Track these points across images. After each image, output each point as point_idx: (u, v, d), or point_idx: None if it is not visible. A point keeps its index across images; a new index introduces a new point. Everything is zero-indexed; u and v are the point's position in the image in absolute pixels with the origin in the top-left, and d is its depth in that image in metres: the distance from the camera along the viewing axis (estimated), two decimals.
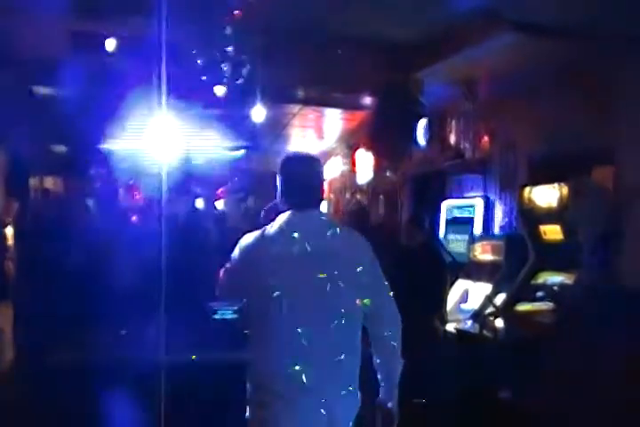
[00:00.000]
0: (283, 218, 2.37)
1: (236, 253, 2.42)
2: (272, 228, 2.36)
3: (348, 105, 7.43)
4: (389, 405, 2.41)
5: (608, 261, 2.94)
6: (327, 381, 2.22)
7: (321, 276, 2.23)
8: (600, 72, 4.66)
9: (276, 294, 2.21)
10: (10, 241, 3.83)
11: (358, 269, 2.30)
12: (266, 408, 2.23)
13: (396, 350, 2.41)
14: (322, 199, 2.50)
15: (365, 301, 2.30)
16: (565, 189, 4.30)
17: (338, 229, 2.37)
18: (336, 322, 2.23)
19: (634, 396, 2.24)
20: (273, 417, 2.21)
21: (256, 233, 2.40)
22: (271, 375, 2.23)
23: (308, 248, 2.26)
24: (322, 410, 2.19)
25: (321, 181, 2.51)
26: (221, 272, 2.49)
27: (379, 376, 2.42)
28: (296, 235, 2.28)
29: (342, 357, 2.24)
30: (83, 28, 5.29)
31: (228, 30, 4.97)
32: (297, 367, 2.17)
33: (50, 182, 7.88)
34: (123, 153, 7.53)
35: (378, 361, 2.42)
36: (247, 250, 2.38)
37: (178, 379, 3.57)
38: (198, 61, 5.24)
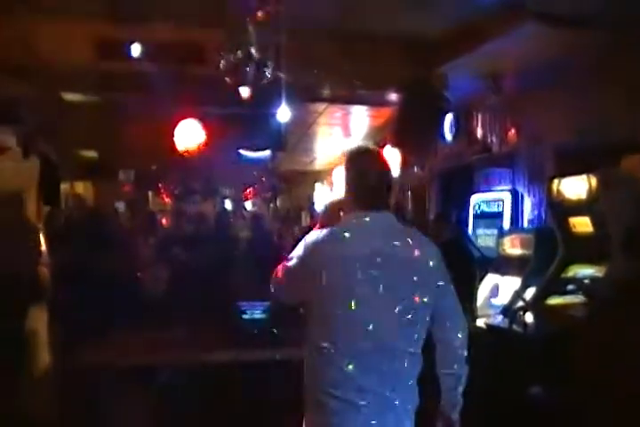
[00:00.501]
0: (350, 218, 2.30)
1: (299, 250, 2.32)
2: (338, 227, 2.28)
3: (374, 102, 7.39)
4: (451, 415, 2.30)
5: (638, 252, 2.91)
6: (385, 384, 2.13)
7: (385, 277, 2.16)
8: (627, 60, 4.59)
9: (339, 293, 2.14)
10: (43, 246, 3.91)
11: (425, 272, 2.22)
12: (322, 410, 2.16)
13: (461, 357, 2.30)
14: (389, 199, 2.35)
15: (426, 299, 2.20)
16: (594, 180, 4.23)
17: (406, 231, 2.30)
18: (399, 323, 2.15)
19: None
20: (329, 420, 2.14)
21: (323, 232, 2.30)
22: (328, 376, 2.15)
23: (375, 250, 2.18)
24: (377, 414, 2.12)
25: (391, 179, 2.36)
26: (280, 270, 2.39)
27: (441, 384, 2.30)
28: (363, 236, 2.21)
29: (403, 360, 2.16)
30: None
31: (252, 30, 5.00)
32: (351, 367, 2.10)
33: (80, 187, 8.01)
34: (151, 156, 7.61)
35: (441, 368, 2.29)
36: (312, 248, 2.28)
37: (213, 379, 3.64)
38: (222, 62, 5.27)
